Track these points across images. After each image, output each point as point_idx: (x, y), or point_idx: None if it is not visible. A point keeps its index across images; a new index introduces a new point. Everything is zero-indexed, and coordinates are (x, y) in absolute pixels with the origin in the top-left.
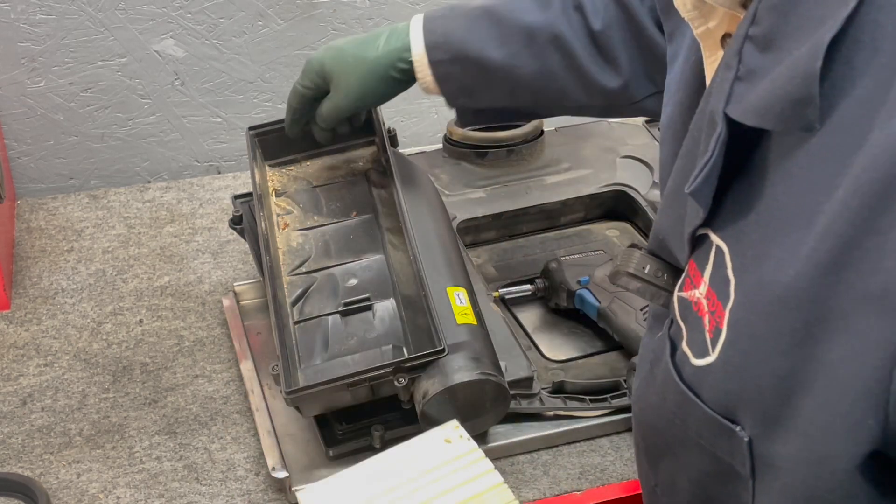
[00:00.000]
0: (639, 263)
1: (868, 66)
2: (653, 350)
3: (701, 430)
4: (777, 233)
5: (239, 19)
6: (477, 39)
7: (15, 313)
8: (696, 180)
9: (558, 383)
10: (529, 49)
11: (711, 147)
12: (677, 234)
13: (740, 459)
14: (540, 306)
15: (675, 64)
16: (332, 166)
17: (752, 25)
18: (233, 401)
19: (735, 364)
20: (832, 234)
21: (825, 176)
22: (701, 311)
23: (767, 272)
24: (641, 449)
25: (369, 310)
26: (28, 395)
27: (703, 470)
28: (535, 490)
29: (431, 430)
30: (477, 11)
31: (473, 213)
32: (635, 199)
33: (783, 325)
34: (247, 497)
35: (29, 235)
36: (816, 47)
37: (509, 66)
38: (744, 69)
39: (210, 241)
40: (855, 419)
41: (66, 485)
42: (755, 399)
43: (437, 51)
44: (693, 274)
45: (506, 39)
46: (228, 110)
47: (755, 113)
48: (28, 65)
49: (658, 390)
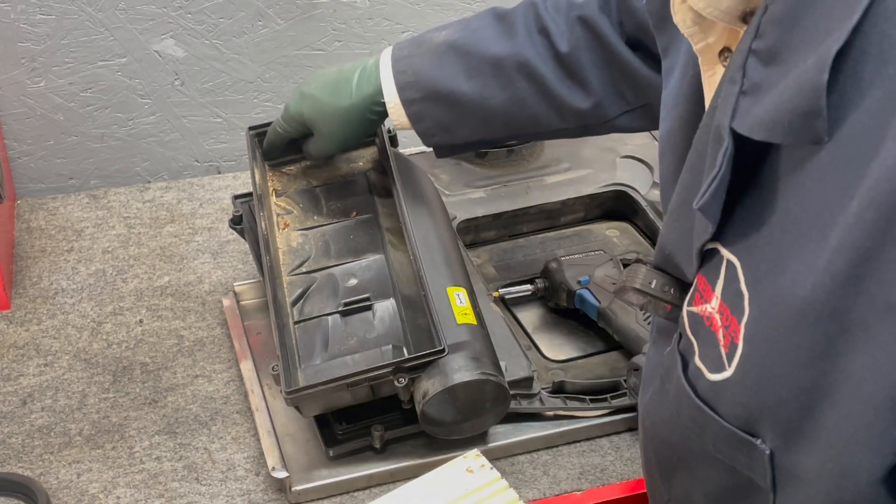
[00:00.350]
0: (645, 279)
1: (876, 77)
2: (663, 365)
3: (718, 445)
4: (791, 246)
5: (239, 19)
6: (446, 75)
7: (15, 313)
8: (705, 196)
9: (558, 383)
10: (498, 79)
11: (719, 162)
12: (685, 249)
13: (761, 472)
14: (540, 306)
15: (672, 78)
16: (332, 166)
17: (755, 39)
18: (233, 401)
19: (754, 378)
20: (848, 245)
21: (838, 188)
22: (714, 326)
23: (784, 286)
24: (653, 464)
25: (369, 310)
26: (28, 395)
27: (720, 484)
28: (535, 490)
29: (452, 461)
30: (443, 47)
31: (473, 213)
32: (635, 199)
33: (803, 338)
34: (247, 497)
35: (29, 235)
36: (823, 59)
37: (480, 97)
38: (748, 83)
39: (210, 241)
40: (879, 430)
41: (66, 485)
42: (776, 412)
43: (409, 90)
44: (703, 288)
45: (474, 72)
46: (228, 110)
47: (763, 127)
48: (28, 65)
49: (671, 406)
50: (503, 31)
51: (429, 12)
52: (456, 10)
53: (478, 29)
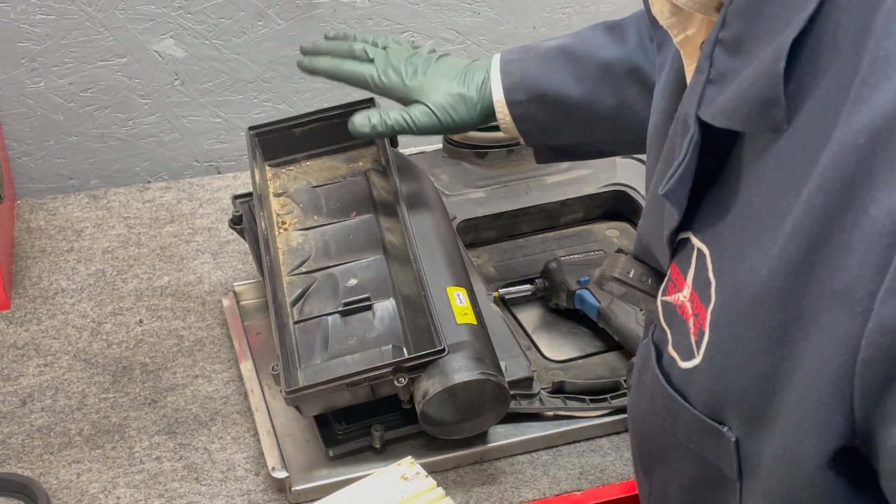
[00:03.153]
0: (623, 268)
1: (830, 66)
2: (641, 357)
3: (690, 434)
4: (752, 234)
5: (239, 19)
6: (554, 78)
7: (15, 313)
8: (670, 182)
9: (558, 383)
10: (607, 84)
11: (684, 149)
12: (658, 238)
13: (728, 461)
14: (540, 306)
15: (662, 74)
16: (332, 166)
17: (721, 29)
18: (233, 401)
19: (719, 365)
20: (799, 232)
21: (794, 176)
22: (686, 315)
23: (743, 273)
24: (637, 457)
25: (369, 310)
26: (28, 395)
27: (692, 476)
28: (535, 490)
29: (386, 469)
30: (552, 52)
31: (473, 213)
32: (635, 199)
33: (761, 325)
34: (247, 497)
35: (29, 235)
36: (780, 48)
37: (588, 102)
38: (714, 72)
39: (210, 241)
40: (822, 415)
41: (66, 485)
42: (740, 399)
43: (516, 91)
44: (676, 278)
45: (583, 76)
46: (228, 110)
47: (724, 115)
48: (28, 65)
49: (647, 396)
50: (614, 39)
51: (429, 12)
52: (456, 10)
53: (588, 37)
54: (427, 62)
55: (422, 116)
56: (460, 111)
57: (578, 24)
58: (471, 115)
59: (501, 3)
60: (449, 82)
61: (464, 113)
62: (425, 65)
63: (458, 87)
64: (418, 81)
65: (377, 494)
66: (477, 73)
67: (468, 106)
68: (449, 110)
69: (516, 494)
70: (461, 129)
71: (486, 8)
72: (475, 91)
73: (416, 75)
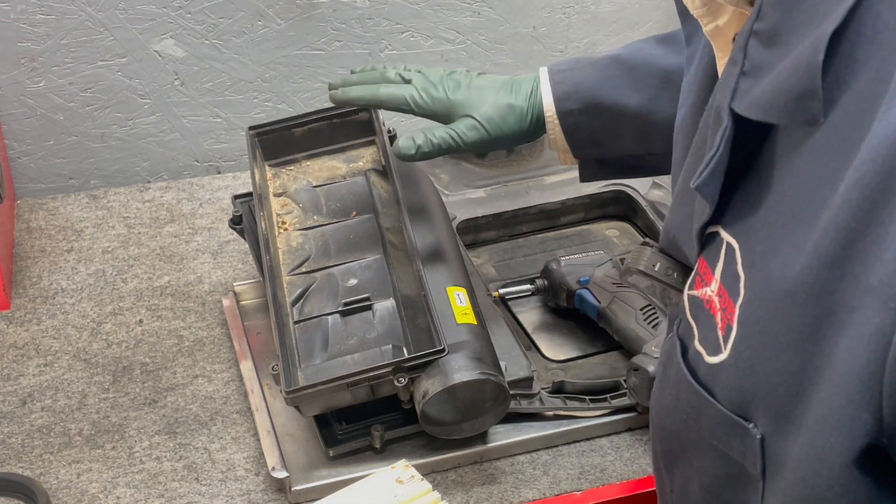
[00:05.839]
0: (649, 261)
1: (869, 59)
2: (665, 352)
3: (714, 430)
4: (784, 228)
5: (239, 19)
6: (610, 87)
7: (15, 313)
8: (702, 175)
9: (558, 383)
10: (667, 92)
11: (717, 142)
12: (687, 232)
13: (752, 459)
14: (540, 306)
15: (691, 66)
16: (332, 166)
17: (757, 21)
18: (233, 401)
19: (747, 360)
20: (835, 227)
21: (829, 169)
22: (713, 309)
23: (775, 268)
24: (659, 453)
25: (369, 310)
26: (28, 395)
27: (714, 474)
28: (535, 490)
29: (380, 471)
30: (605, 61)
31: (473, 213)
32: (635, 199)
33: (792, 321)
34: (247, 497)
35: (29, 235)
36: (819, 40)
37: (646, 111)
38: (749, 64)
39: (210, 241)
40: (850, 413)
41: (66, 485)
42: (767, 395)
43: (567, 101)
44: (703, 272)
45: (640, 85)
46: (228, 110)
47: (759, 107)
48: (28, 65)
49: (672, 391)
50: (669, 50)
51: (429, 12)
52: (456, 10)
53: (641, 48)
54: (468, 77)
55: (469, 131)
56: (510, 122)
57: (578, 24)
58: (521, 126)
59: (501, 3)
60: (496, 93)
61: (513, 124)
62: (467, 79)
63: (506, 98)
64: (462, 94)
65: (371, 498)
66: (524, 84)
67: (518, 116)
68: (498, 121)
69: (516, 494)
70: (510, 142)
71: (486, 8)
72: (524, 101)
73: (458, 89)
